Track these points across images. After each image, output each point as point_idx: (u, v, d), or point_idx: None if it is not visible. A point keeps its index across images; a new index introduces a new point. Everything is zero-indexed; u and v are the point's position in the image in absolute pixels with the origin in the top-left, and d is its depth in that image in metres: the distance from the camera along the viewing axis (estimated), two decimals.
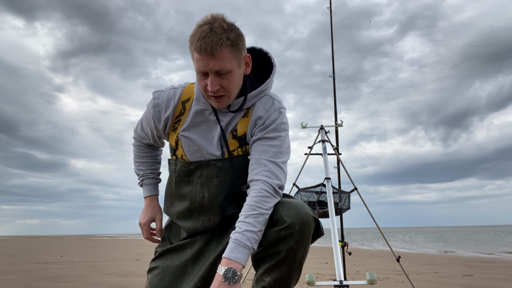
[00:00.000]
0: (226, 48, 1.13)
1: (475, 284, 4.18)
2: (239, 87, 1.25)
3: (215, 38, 1.11)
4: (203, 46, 1.11)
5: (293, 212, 1.21)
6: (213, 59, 1.13)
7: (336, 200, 3.21)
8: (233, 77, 1.19)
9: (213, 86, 1.16)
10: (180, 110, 1.34)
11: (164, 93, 1.36)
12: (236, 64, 1.18)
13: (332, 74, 3.64)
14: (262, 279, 1.29)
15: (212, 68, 1.14)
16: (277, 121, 1.29)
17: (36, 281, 4.00)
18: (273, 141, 1.28)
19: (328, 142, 3.29)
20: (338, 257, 2.65)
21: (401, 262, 2.92)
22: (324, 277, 4.52)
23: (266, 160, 1.25)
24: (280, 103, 1.33)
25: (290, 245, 1.20)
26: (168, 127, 1.38)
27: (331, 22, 3.82)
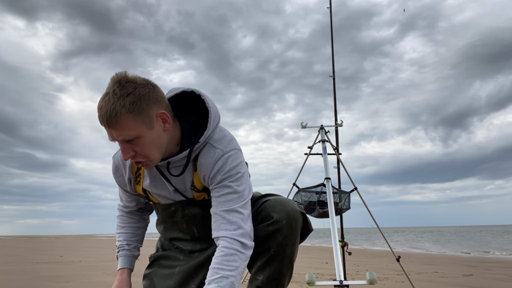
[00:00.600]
0: (123, 116, 1.04)
1: (475, 284, 4.17)
2: (161, 146, 1.15)
3: (109, 109, 1.04)
4: (100, 118, 1.06)
5: (279, 208, 1.24)
6: (113, 130, 1.06)
7: (336, 200, 3.20)
8: (144, 141, 1.09)
9: (125, 154, 1.10)
10: (135, 169, 1.33)
11: (116, 158, 1.34)
12: (143, 127, 1.08)
13: (332, 74, 3.64)
14: (256, 278, 1.31)
15: (116, 138, 1.09)
16: (223, 171, 1.19)
17: (36, 281, 4.00)
18: (225, 190, 1.19)
19: (328, 142, 3.29)
20: (338, 257, 2.65)
21: (401, 262, 2.92)
22: (324, 277, 4.52)
23: (223, 212, 1.18)
24: (223, 148, 1.22)
25: (279, 240, 1.23)
26: (132, 184, 1.35)
27: (331, 22, 3.82)
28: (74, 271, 5.02)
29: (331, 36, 3.83)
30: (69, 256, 8.71)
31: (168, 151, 1.20)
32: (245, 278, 3.96)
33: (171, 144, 1.20)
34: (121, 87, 1.05)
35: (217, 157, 1.20)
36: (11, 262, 6.66)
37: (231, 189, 1.19)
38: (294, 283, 3.93)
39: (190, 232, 1.39)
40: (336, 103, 3.61)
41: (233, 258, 1.13)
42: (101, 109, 1.06)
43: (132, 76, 1.08)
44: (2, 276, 4.37)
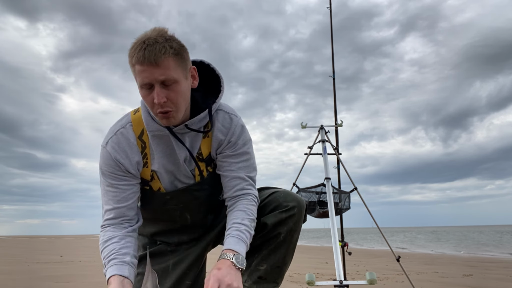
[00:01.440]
0: (170, 57, 1.05)
1: (475, 284, 4.18)
2: (187, 102, 1.17)
3: (158, 47, 1.04)
4: (146, 55, 1.03)
5: (291, 198, 1.33)
6: (157, 68, 1.04)
7: (336, 200, 3.20)
8: (180, 88, 1.10)
9: (160, 98, 1.07)
10: (141, 145, 1.24)
11: (115, 138, 1.23)
12: (182, 74, 1.10)
13: (332, 74, 3.64)
14: (258, 269, 1.33)
15: (157, 78, 1.05)
16: (242, 137, 1.29)
17: (36, 281, 4.00)
18: (244, 157, 1.29)
19: (328, 142, 3.29)
20: (338, 257, 2.65)
21: (401, 262, 2.92)
22: (324, 277, 4.53)
23: (246, 176, 1.29)
24: (237, 116, 1.30)
25: (290, 226, 1.31)
26: (139, 167, 1.26)
27: (331, 22, 3.82)
28: (74, 271, 5.02)
29: (331, 36, 3.84)
30: (69, 256, 8.71)
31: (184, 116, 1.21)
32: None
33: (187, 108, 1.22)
34: (166, 36, 1.08)
35: (236, 123, 1.29)
36: (11, 262, 6.66)
37: (249, 155, 1.31)
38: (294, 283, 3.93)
39: (182, 219, 1.37)
40: (336, 103, 3.61)
41: (256, 211, 1.28)
42: (144, 48, 1.03)
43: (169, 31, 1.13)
44: (2, 276, 4.37)
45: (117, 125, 1.26)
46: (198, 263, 1.41)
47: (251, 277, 1.34)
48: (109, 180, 1.23)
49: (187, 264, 1.38)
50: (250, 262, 1.35)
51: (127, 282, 1.11)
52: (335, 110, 3.59)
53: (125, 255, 1.17)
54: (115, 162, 1.22)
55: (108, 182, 1.24)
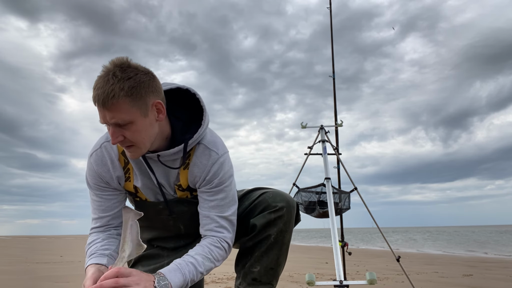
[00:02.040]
0: (121, 99, 1.02)
1: (475, 284, 4.17)
2: (150, 136, 1.13)
3: (107, 89, 1.02)
4: (96, 97, 1.04)
5: (280, 198, 1.32)
6: (108, 112, 1.04)
7: (336, 200, 3.20)
8: (137, 127, 1.08)
9: (114, 138, 1.08)
10: (124, 161, 1.26)
11: (99, 151, 1.26)
12: (138, 113, 1.07)
13: (332, 74, 3.64)
14: (251, 271, 1.32)
15: (108, 121, 1.06)
16: (220, 176, 1.23)
17: (36, 281, 4.00)
18: (219, 195, 1.24)
19: (328, 142, 3.29)
20: (338, 257, 2.65)
21: (401, 262, 2.92)
22: (324, 277, 4.52)
23: (217, 216, 1.24)
24: (218, 153, 1.24)
25: (280, 227, 1.29)
26: (121, 181, 1.29)
27: (331, 22, 3.83)
28: (74, 271, 5.02)
29: (331, 36, 3.84)
30: (69, 256, 8.71)
31: (156, 144, 1.19)
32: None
33: (160, 137, 1.19)
34: (122, 71, 1.04)
35: (214, 160, 1.23)
36: (11, 262, 6.66)
37: (225, 193, 1.25)
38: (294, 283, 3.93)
39: (176, 229, 1.39)
40: (336, 103, 3.61)
41: (221, 254, 1.23)
42: (98, 88, 1.03)
43: (133, 63, 1.08)
44: (2, 276, 4.37)
45: (103, 137, 1.28)
46: None
47: (245, 279, 1.34)
48: (94, 190, 1.28)
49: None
50: (243, 264, 1.36)
51: (104, 268, 1.14)
52: (335, 110, 3.59)
53: (105, 250, 1.22)
54: (97, 174, 1.26)
55: (93, 192, 1.29)
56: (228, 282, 3.94)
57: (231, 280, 4.10)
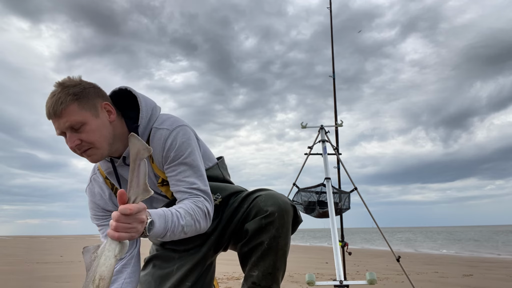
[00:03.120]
0: (69, 104, 1.11)
1: (475, 284, 4.18)
2: (107, 137, 1.18)
3: (55, 99, 1.11)
4: (47, 111, 1.12)
5: (271, 202, 1.28)
6: (61, 119, 1.12)
7: (336, 200, 3.20)
8: (91, 128, 1.14)
9: (71, 142, 1.13)
10: (110, 184, 1.36)
11: (90, 185, 1.38)
12: (89, 114, 1.14)
13: (332, 74, 3.64)
14: (251, 275, 1.32)
15: (63, 127, 1.12)
16: (174, 148, 1.23)
17: (36, 281, 4.00)
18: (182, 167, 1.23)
19: (328, 142, 3.29)
20: (338, 257, 2.65)
21: (401, 262, 2.93)
22: (324, 277, 4.52)
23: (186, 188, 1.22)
24: (167, 127, 1.25)
25: (272, 232, 1.26)
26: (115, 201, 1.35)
27: (331, 21, 3.83)
28: (74, 271, 5.03)
29: (331, 36, 3.84)
30: (69, 256, 8.71)
31: (120, 149, 1.24)
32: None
33: (120, 140, 1.23)
34: (66, 83, 1.15)
35: (165, 136, 1.24)
36: (11, 262, 6.67)
37: (187, 165, 1.23)
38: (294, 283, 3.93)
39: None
40: (336, 103, 3.61)
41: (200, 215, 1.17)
42: (47, 103, 1.13)
43: (74, 77, 1.18)
44: (2, 276, 4.37)
45: (91, 172, 1.41)
46: (200, 266, 1.42)
47: (246, 282, 1.35)
48: (95, 222, 1.38)
49: (188, 267, 1.39)
50: (244, 268, 1.37)
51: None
52: (335, 110, 3.59)
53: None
54: (95, 205, 1.36)
55: (96, 223, 1.38)
56: (228, 282, 3.94)
57: (231, 280, 4.10)
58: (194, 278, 1.39)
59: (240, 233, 1.37)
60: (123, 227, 0.91)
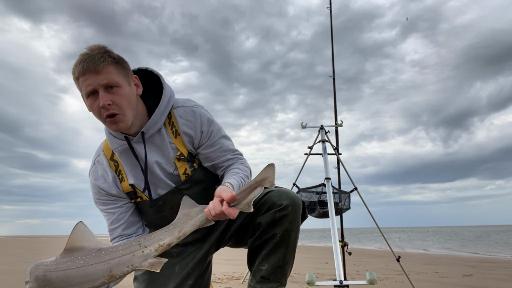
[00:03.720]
0: (110, 64, 1.16)
1: (475, 284, 4.18)
2: (133, 107, 1.23)
3: (97, 57, 1.14)
4: (85, 66, 1.13)
5: (284, 196, 1.31)
6: (98, 75, 1.14)
7: (336, 200, 3.21)
8: (124, 92, 1.18)
9: (104, 100, 1.14)
10: (114, 165, 1.36)
11: (93, 168, 1.39)
12: (124, 80, 1.19)
13: (332, 74, 3.65)
14: (260, 269, 1.33)
15: (99, 83, 1.14)
16: (211, 126, 1.35)
17: None
18: (221, 141, 1.38)
19: (328, 142, 3.29)
20: (338, 257, 2.65)
21: (401, 262, 2.93)
22: (324, 277, 4.52)
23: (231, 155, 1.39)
24: (198, 106, 1.36)
25: (285, 226, 1.29)
26: (118, 184, 1.36)
27: (331, 21, 3.83)
28: None
29: (331, 35, 3.84)
30: None
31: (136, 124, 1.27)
32: (244, 278, 3.96)
33: (139, 116, 1.28)
34: (106, 48, 1.19)
35: (199, 114, 1.33)
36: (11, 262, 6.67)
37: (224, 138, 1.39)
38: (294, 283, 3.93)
39: None
40: (336, 103, 3.62)
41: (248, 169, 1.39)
42: (84, 60, 1.14)
43: None
44: (2, 276, 4.38)
45: (94, 154, 1.41)
46: (201, 264, 1.42)
47: (255, 277, 1.35)
48: (99, 206, 1.39)
49: (191, 265, 1.39)
50: (253, 262, 1.37)
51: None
52: (335, 110, 3.60)
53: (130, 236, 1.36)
54: (97, 188, 1.36)
55: (99, 208, 1.39)
56: (228, 282, 3.95)
57: (231, 280, 4.11)
58: (195, 276, 1.39)
59: (246, 229, 1.38)
60: (219, 217, 1.09)
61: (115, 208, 1.36)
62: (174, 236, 1.08)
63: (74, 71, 1.16)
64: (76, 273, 1.00)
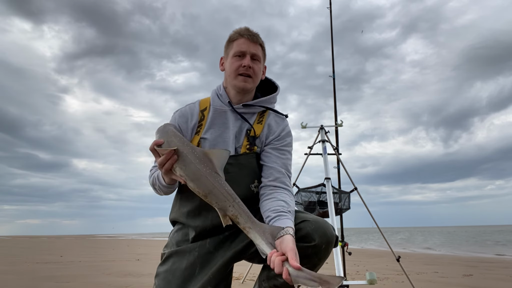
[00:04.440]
0: (261, 44, 1.52)
1: (475, 284, 4.18)
2: (258, 80, 1.52)
3: (255, 33, 1.50)
4: (249, 33, 1.48)
5: (320, 232, 1.31)
6: (253, 44, 1.48)
7: (336, 200, 3.21)
8: (260, 66, 1.51)
9: (248, 62, 1.45)
10: (201, 117, 1.53)
11: (185, 108, 1.56)
12: (263, 57, 1.53)
13: (332, 74, 3.65)
14: (276, 279, 1.37)
15: (251, 51, 1.47)
16: (290, 136, 1.56)
17: (36, 281, 4.00)
18: (288, 155, 1.53)
19: (328, 142, 3.29)
20: (338, 257, 2.65)
21: (401, 262, 2.93)
22: None
23: (287, 173, 1.48)
24: (284, 117, 1.60)
25: (314, 261, 1.33)
26: (193, 133, 1.51)
27: (331, 21, 3.83)
28: (74, 271, 5.03)
29: (331, 35, 3.84)
30: (69, 256, 8.72)
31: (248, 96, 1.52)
32: (245, 278, 3.96)
33: (252, 92, 1.54)
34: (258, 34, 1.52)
35: (286, 124, 1.59)
36: (11, 262, 6.67)
37: (290, 156, 1.54)
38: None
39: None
40: (336, 103, 3.62)
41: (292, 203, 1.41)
42: (246, 30, 1.49)
43: None
44: (2, 276, 4.38)
45: (189, 102, 1.60)
46: (223, 271, 1.42)
47: (269, 282, 1.41)
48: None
49: (213, 271, 1.40)
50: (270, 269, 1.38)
51: None
52: (335, 110, 3.60)
53: None
54: (177, 123, 1.51)
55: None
56: None
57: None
58: (215, 282, 1.39)
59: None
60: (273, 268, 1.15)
61: None
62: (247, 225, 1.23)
63: (236, 33, 1.49)
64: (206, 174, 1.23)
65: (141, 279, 4.28)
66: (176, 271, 1.41)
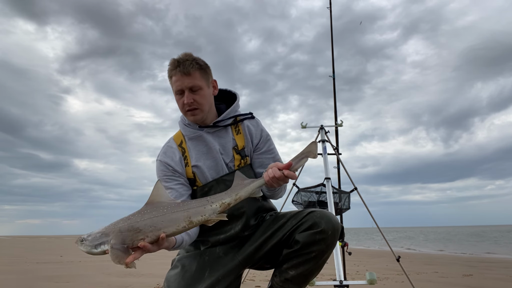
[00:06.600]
0: (197, 70, 1.47)
1: (475, 284, 4.18)
2: (210, 105, 1.54)
3: (188, 63, 1.46)
4: (180, 69, 1.45)
5: (326, 219, 1.41)
6: (187, 78, 1.46)
7: (336, 200, 3.21)
8: (204, 93, 1.50)
9: (188, 99, 1.47)
10: (182, 151, 1.59)
11: (164, 149, 1.61)
12: (205, 83, 1.50)
13: (332, 74, 3.64)
14: (287, 272, 1.44)
15: (187, 85, 1.46)
16: (267, 133, 1.64)
17: (36, 281, 4.00)
18: (275, 150, 1.65)
19: (328, 142, 3.29)
20: (338, 257, 2.65)
21: (401, 262, 2.93)
22: (324, 277, 4.52)
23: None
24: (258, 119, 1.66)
25: (322, 247, 1.40)
26: (183, 166, 1.57)
27: (331, 21, 3.83)
28: (74, 271, 5.03)
29: (331, 35, 3.84)
30: (69, 256, 8.72)
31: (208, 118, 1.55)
32: (245, 278, 3.95)
33: (211, 113, 1.56)
34: (193, 56, 1.50)
35: (259, 123, 1.65)
36: (11, 262, 6.67)
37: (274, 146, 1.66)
38: None
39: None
40: (336, 103, 3.61)
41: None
42: (178, 63, 1.45)
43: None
44: (2, 276, 4.38)
45: (164, 144, 1.65)
46: (232, 275, 1.47)
47: (280, 277, 1.47)
48: (164, 184, 1.53)
49: (222, 273, 1.46)
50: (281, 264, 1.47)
51: None
52: (335, 110, 3.59)
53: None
54: (165, 165, 1.56)
55: (164, 185, 1.52)
56: None
57: None
58: (225, 285, 1.44)
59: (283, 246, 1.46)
60: (277, 181, 1.31)
61: (178, 184, 1.55)
62: (232, 198, 1.28)
63: (170, 71, 1.48)
64: (162, 219, 1.17)
65: (141, 279, 4.28)
66: (186, 273, 1.49)
